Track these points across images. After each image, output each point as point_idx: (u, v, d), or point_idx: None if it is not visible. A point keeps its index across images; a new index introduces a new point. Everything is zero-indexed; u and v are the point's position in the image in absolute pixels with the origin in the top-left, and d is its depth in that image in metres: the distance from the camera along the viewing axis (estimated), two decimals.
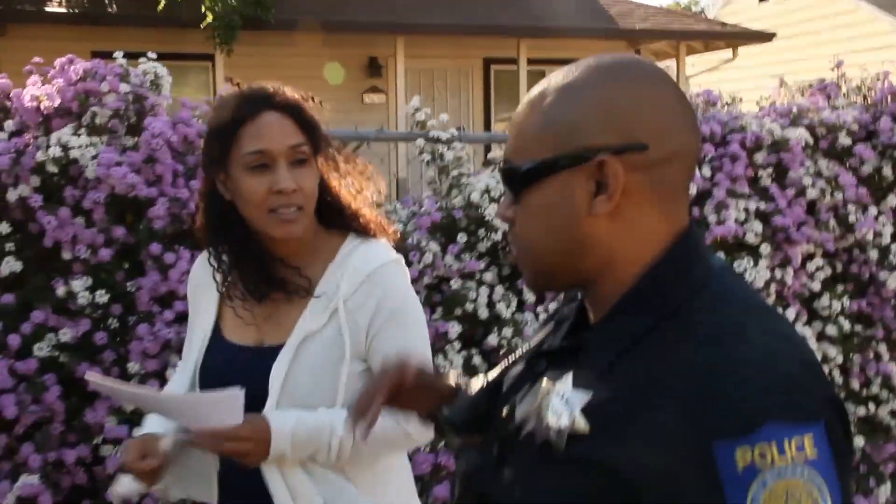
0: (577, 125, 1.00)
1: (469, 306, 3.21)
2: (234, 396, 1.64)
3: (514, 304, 3.22)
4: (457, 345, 3.22)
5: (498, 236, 3.23)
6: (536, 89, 1.07)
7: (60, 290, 2.72)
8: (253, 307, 1.83)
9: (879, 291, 3.50)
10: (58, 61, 2.86)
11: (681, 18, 12.28)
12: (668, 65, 16.82)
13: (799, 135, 3.39)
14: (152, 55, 3.07)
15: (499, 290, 3.24)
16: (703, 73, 13.51)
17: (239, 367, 1.80)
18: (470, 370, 3.23)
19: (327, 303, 1.77)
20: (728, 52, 12.70)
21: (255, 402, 1.72)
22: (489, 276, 3.25)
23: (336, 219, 1.86)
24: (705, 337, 0.93)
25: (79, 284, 2.71)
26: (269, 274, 1.82)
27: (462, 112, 12.49)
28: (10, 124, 2.81)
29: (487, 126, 12.40)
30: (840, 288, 3.50)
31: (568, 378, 1.01)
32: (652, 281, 1.01)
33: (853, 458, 0.90)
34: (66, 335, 2.72)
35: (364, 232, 1.86)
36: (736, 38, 12.26)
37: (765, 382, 0.88)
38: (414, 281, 3.17)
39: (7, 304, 2.71)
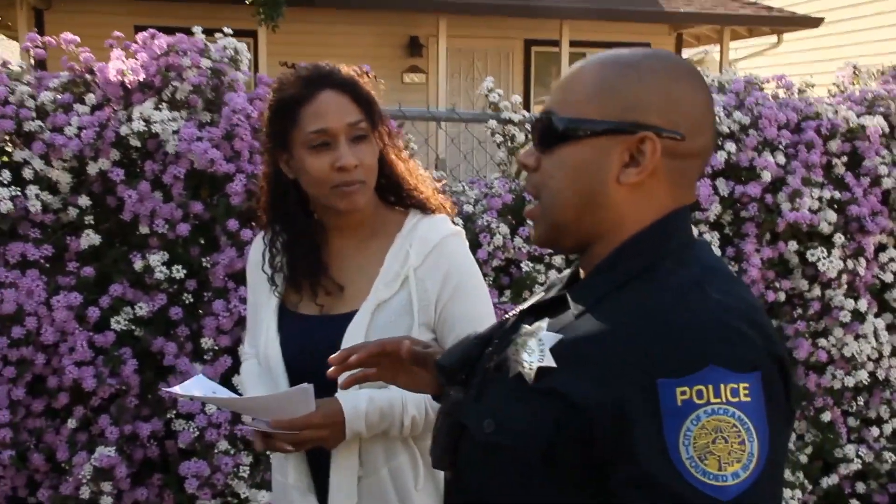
0: (632, 99, 1.09)
1: (538, 289, 3.20)
2: (305, 391, 1.67)
3: None
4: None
5: None
6: (594, 57, 1.15)
7: (138, 265, 2.73)
8: (323, 279, 1.86)
9: None
10: (140, 35, 2.86)
11: (725, 2, 12.09)
12: (707, 49, 16.61)
13: (876, 122, 3.33)
14: (228, 31, 3.06)
15: (567, 272, 3.21)
16: (746, 59, 13.33)
17: (314, 336, 1.83)
18: None
19: (398, 271, 1.81)
20: (773, 38, 12.52)
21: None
22: (558, 259, 3.23)
23: (395, 194, 1.91)
24: (665, 291, 1.05)
25: (156, 259, 2.72)
26: (314, 260, 1.86)
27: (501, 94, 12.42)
28: (91, 98, 2.81)
29: (527, 108, 12.31)
30: None
31: (544, 322, 1.13)
32: (632, 245, 1.12)
33: (793, 413, 1.16)
34: (143, 309, 2.73)
35: (424, 207, 1.90)
36: (782, 23, 12.08)
37: (712, 332, 0.99)
38: (483, 262, 3.18)
39: (87, 277, 2.72)
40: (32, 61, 3.24)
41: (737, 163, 3.22)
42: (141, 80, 2.72)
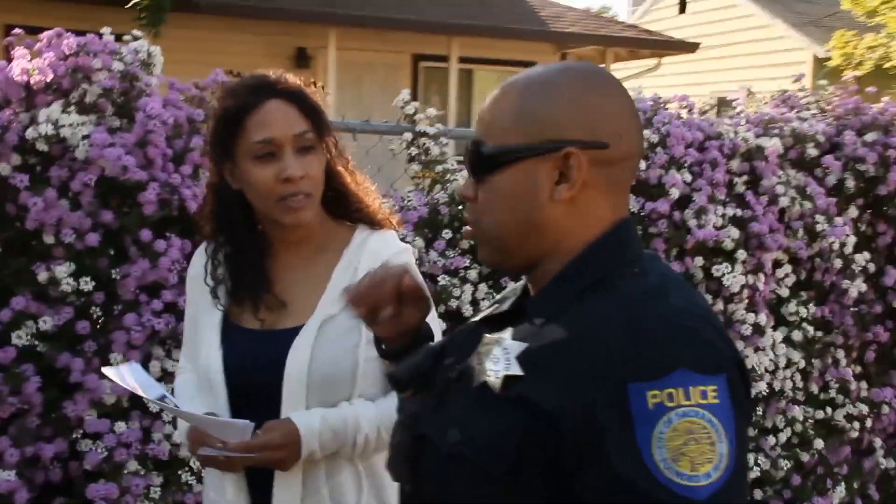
0: (549, 119, 1.13)
1: (453, 303, 3.20)
2: (246, 427, 1.66)
3: None
4: None
5: None
6: (511, 81, 1.18)
7: (42, 276, 2.59)
8: (267, 292, 1.82)
9: (840, 299, 3.62)
10: (45, 34, 2.73)
11: (608, 25, 12.47)
12: None
13: (774, 144, 3.48)
14: (138, 33, 2.95)
15: (482, 287, 3.23)
16: (626, 80, 13.77)
17: (257, 350, 1.80)
18: None
19: (346, 286, 1.75)
20: (653, 61, 12.97)
21: (275, 385, 1.75)
22: (473, 274, 3.24)
23: (342, 208, 1.88)
24: (629, 299, 1.08)
25: (63, 270, 2.59)
26: (258, 273, 1.83)
27: (389, 108, 12.44)
28: None
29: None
30: (804, 295, 3.60)
31: (508, 331, 1.15)
32: (588, 256, 1.14)
33: (751, 415, 1.32)
34: (47, 323, 2.59)
35: (372, 222, 1.88)
36: (661, 46, 12.53)
37: (679, 338, 1.02)
38: None
39: None
40: None
41: (646, 180, 3.31)
42: (48, 80, 2.59)
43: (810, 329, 3.54)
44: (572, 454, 1.02)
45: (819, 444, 3.60)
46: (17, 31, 2.80)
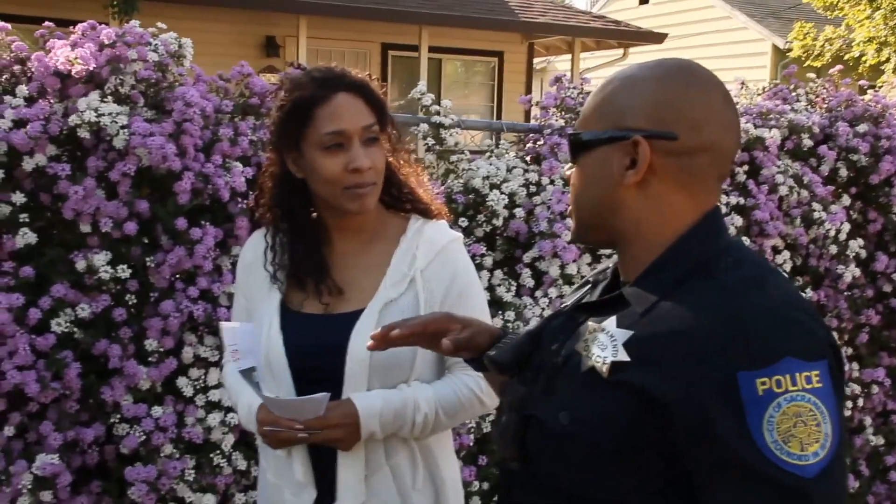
0: (626, 110, 1.22)
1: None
2: (322, 399, 1.72)
3: (513, 288, 3.30)
4: None
5: (498, 222, 3.31)
6: (606, 79, 1.30)
7: (80, 264, 2.63)
8: (327, 278, 1.88)
9: (834, 284, 3.77)
10: (80, 26, 2.75)
11: (576, 16, 12.60)
12: (550, 59, 17.20)
13: (773, 135, 3.61)
14: (162, 25, 2.98)
15: (498, 274, 3.32)
16: (594, 70, 13.92)
17: (319, 334, 1.85)
18: None
19: (405, 272, 1.85)
20: (619, 51, 13.13)
21: (337, 368, 1.80)
22: (489, 261, 3.32)
23: (397, 199, 1.94)
24: (731, 289, 1.13)
25: (101, 258, 2.62)
26: (318, 260, 1.89)
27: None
28: (22, 89, 2.68)
29: None
30: (801, 280, 3.75)
31: (613, 319, 1.21)
32: (683, 245, 1.21)
33: (844, 393, 1.41)
34: (85, 311, 2.63)
35: (426, 213, 1.95)
36: (629, 37, 12.69)
37: (783, 328, 1.08)
38: None
39: (26, 277, 2.59)
40: None
41: None
42: (91, 69, 2.62)
43: None
44: (683, 437, 1.09)
45: None
46: (47, 23, 2.82)
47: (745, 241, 3.50)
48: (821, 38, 12.54)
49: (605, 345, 1.18)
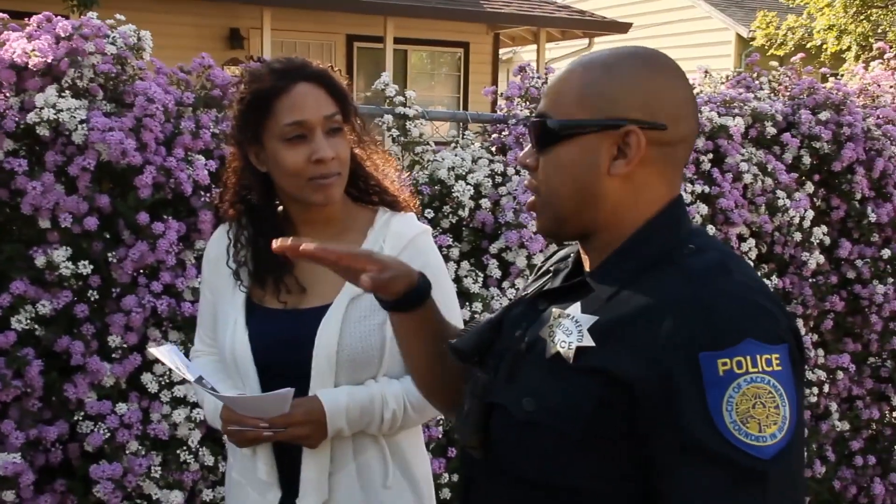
0: (615, 98, 1.20)
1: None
2: (286, 395, 1.68)
3: (480, 279, 3.30)
4: None
5: (464, 213, 3.30)
6: (579, 60, 1.27)
7: (40, 260, 2.59)
8: (291, 273, 1.85)
9: (799, 270, 3.80)
10: (34, 18, 2.70)
11: (541, 6, 12.61)
12: (515, 49, 17.21)
13: (737, 123, 3.63)
14: (121, 17, 2.94)
15: (465, 265, 3.31)
16: (559, 60, 13.95)
17: (284, 330, 1.83)
18: None
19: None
20: (584, 41, 13.17)
21: (304, 364, 1.78)
22: (455, 253, 3.31)
23: (363, 191, 1.91)
24: (695, 274, 1.15)
25: (61, 254, 2.58)
26: (279, 255, 1.85)
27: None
28: None
29: None
30: (766, 267, 3.78)
31: (577, 305, 1.21)
32: (647, 233, 1.22)
33: (804, 379, 1.45)
34: (46, 307, 2.59)
35: (393, 205, 1.92)
36: (594, 27, 12.73)
37: (746, 311, 1.10)
38: None
39: None
40: None
41: None
42: (48, 62, 2.57)
43: None
44: (646, 418, 1.10)
45: None
46: (1, 15, 2.76)
47: (710, 229, 3.52)
48: (783, 26, 12.66)
49: (570, 330, 1.19)
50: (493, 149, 3.55)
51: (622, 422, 1.12)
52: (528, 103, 3.55)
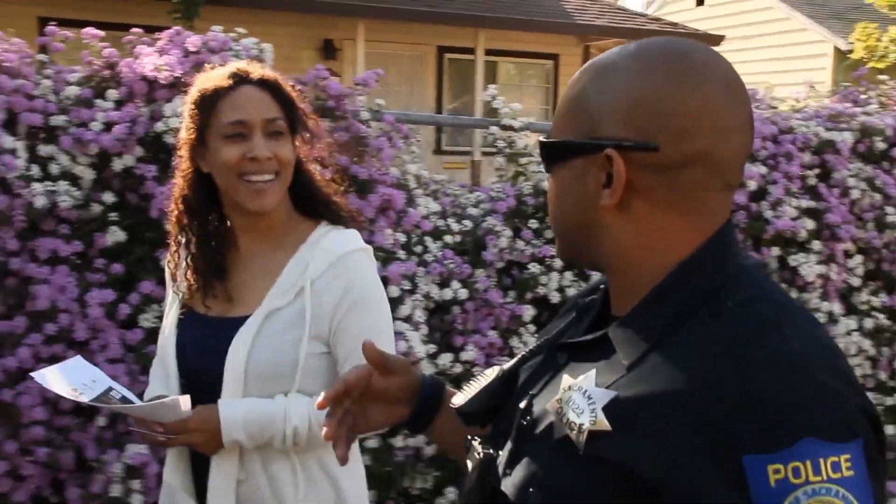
0: (598, 112, 0.96)
1: (540, 290, 3.32)
2: (175, 403, 1.68)
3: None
4: (531, 328, 3.33)
5: None
6: (588, 63, 1.03)
7: (164, 263, 2.71)
8: (222, 280, 1.84)
9: None
10: (166, 33, 2.85)
11: (633, 18, 12.55)
12: None
13: (845, 138, 3.60)
14: (242, 30, 3.07)
15: (568, 275, 3.35)
16: None
17: (206, 336, 1.82)
18: None
19: (295, 281, 1.79)
20: None
21: (219, 372, 1.76)
22: (559, 262, 3.36)
23: (309, 204, 1.88)
24: (741, 336, 0.88)
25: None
26: (214, 260, 1.84)
27: (414, 99, 12.56)
28: (113, 93, 2.78)
29: (439, 114, 12.48)
30: (873, 285, 3.72)
31: (591, 374, 0.96)
32: (681, 276, 0.96)
33: (886, 474, 0.92)
34: None
35: (336, 219, 1.88)
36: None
37: (802, 395, 0.83)
38: (489, 264, 3.28)
39: (116, 274, 2.69)
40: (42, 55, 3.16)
41: None
42: (177, 76, 2.71)
43: (880, 317, 3.65)
44: None
45: (891, 430, 3.72)
46: (135, 29, 2.91)
47: (816, 244, 3.49)
48: (885, 38, 12.34)
49: (582, 408, 0.94)
50: None
51: None
52: None
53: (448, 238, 3.27)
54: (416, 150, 3.39)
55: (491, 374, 1.16)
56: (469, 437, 1.14)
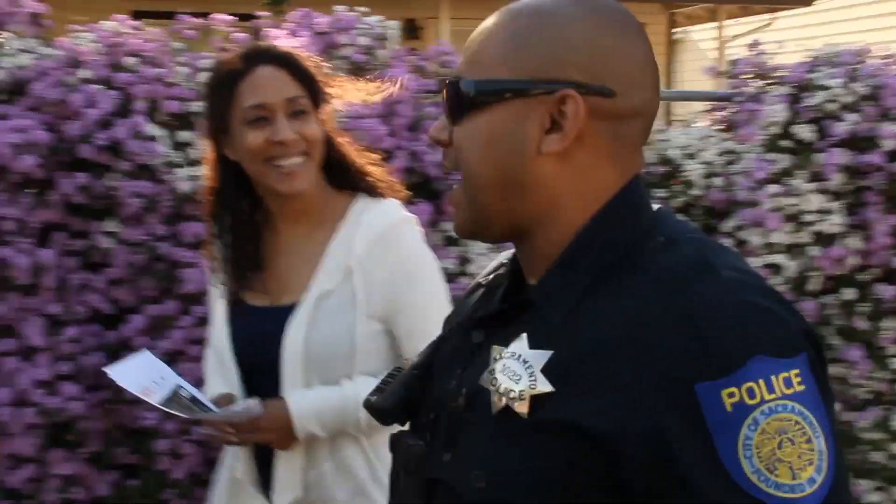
0: (547, 53, 0.93)
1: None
2: (247, 411, 1.68)
3: None
4: None
5: (696, 191, 3.29)
6: (509, 7, 0.97)
7: None
8: (262, 269, 1.82)
9: None
10: (292, 15, 2.88)
11: None
12: (686, 30, 16.80)
13: None
14: (365, 9, 3.08)
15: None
16: (735, 39, 13.53)
17: (259, 327, 1.80)
18: None
19: (341, 262, 1.74)
20: (764, 17, 12.71)
21: (277, 362, 1.75)
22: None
23: (343, 178, 1.83)
24: (669, 279, 0.87)
25: None
26: (253, 251, 1.82)
27: None
28: None
29: None
30: None
31: (523, 339, 0.91)
32: (600, 227, 0.94)
33: (831, 391, 0.89)
34: None
35: (373, 191, 1.84)
36: (775, 1, 12.27)
37: (743, 319, 0.83)
38: None
39: None
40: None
41: (855, 133, 3.32)
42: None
43: None
44: (639, 482, 0.83)
45: None
46: (258, 12, 2.94)
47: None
48: None
49: (519, 374, 0.89)
50: (722, 127, 3.52)
51: (605, 490, 0.84)
52: (758, 79, 3.49)
53: None
54: None
55: (404, 369, 1.12)
56: (392, 434, 1.09)
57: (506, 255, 1.08)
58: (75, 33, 2.73)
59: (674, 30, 14.39)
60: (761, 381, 0.79)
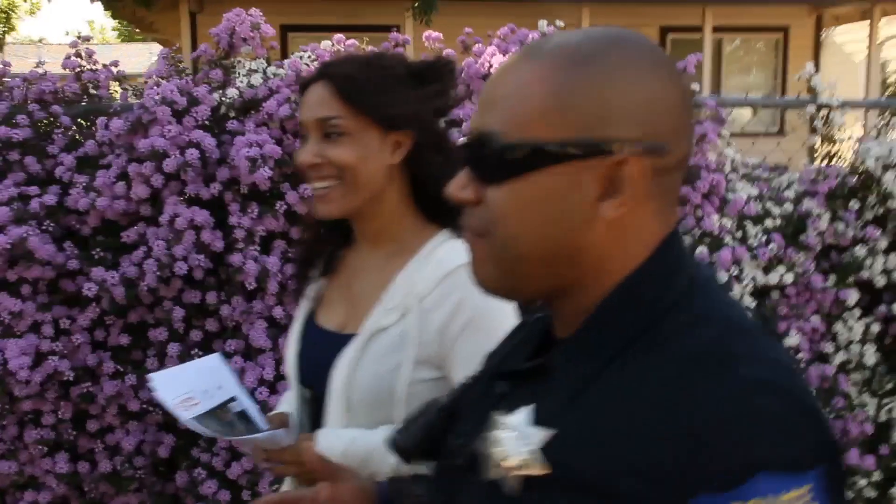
0: (600, 110, 0.82)
1: (864, 273, 3.22)
2: (278, 438, 1.61)
3: None
4: (856, 312, 3.24)
5: (893, 204, 3.22)
6: (539, 48, 0.86)
7: None
8: (343, 289, 1.74)
9: None
10: (501, 31, 2.96)
11: None
12: (826, 32, 16.26)
13: None
14: (560, 23, 3.13)
15: (893, 258, 3.23)
16: (888, 41, 13.05)
17: (319, 352, 1.72)
18: (867, 338, 3.24)
19: (402, 299, 1.61)
20: None
21: (325, 393, 1.68)
22: (883, 244, 3.24)
23: (434, 211, 1.68)
24: (684, 367, 0.79)
25: None
26: (311, 265, 1.78)
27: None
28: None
29: None
30: None
31: (526, 411, 0.86)
32: (630, 288, 0.86)
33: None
34: None
35: (457, 224, 1.66)
36: None
37: (753, 430, 0.75)
38: (809, 248, 3.21)
39: None
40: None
41: None
42: None
43: None
44: None
45: None
46: (467, 29, 3.04)
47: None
48: None
49: (516, 449, 0.84)
50: None
51: None
52: None
53: (768, 222, 3.22)
54: (726, 132, 3.36)
55: (432, 406, 1.08)
56: (393, 478, 1.06)
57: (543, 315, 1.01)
58: (298, 52, 2.88)
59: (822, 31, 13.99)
60: (770, 498, 0.73)
